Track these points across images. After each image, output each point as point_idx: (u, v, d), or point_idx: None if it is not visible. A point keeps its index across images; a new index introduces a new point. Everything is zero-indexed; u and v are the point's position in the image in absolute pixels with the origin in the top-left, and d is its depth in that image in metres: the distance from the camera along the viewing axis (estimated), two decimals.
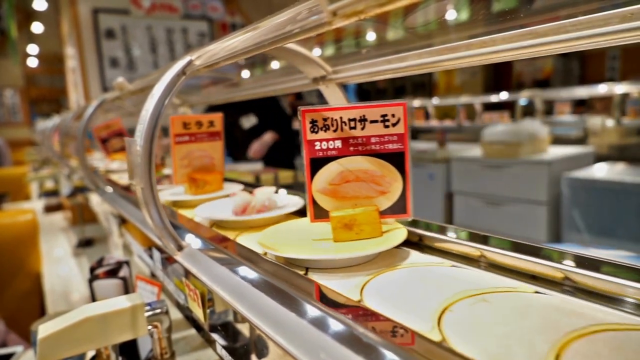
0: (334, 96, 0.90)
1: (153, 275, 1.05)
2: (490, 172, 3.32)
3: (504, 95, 4.44)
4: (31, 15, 7.90)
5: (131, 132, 1.85)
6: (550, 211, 2.99)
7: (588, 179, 2.81)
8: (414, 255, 0.67)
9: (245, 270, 0.59)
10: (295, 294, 0.49)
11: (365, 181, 0.69)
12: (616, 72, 5.88)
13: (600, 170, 2.98)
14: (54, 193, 3.57)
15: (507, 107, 4.93)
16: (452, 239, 0.67)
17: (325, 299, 0.49)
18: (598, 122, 3.54)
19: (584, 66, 6.42)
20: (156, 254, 0.94)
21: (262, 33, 0.51)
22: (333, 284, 0.56)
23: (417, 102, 5.42)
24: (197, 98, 1.67)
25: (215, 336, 0.68)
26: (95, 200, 2.05)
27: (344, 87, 0.91)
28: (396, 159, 0.68)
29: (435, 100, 5.41)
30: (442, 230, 0.70)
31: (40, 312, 2.17)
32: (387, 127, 0.68)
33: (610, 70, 5.98)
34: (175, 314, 0.84)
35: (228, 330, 0.68)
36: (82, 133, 1.55)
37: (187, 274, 0.72)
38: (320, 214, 0.69)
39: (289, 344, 0.41)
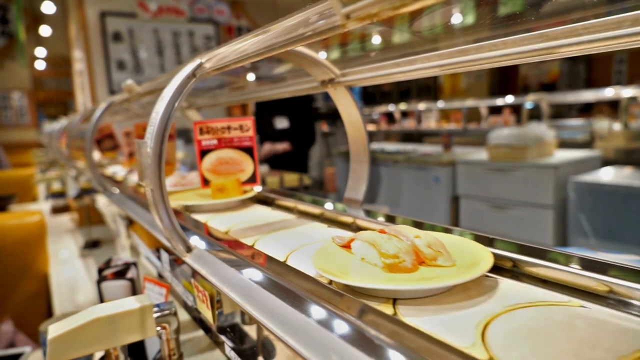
0: (343, 99, 0.90)
1: (160, 276, 1.05)
2: (496, 175, 3.31)
3: (509, 99, 4.42)
4: (39, 18, 7.97)
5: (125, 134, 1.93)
6: (557, 215, 2.97)
7: (595, 183, 2.79)
8: (259, 207, 1.13)
9: (255, 272, 0.59)
10: (305, 296, 0.50)
11: (232, 164, 1.14)
12: (623, 75, 5.85)
13: (607, 174, 2.96)
14: (61, 195, 3.59)
15: (513, 110, 4.91)
16: (287, 199, 1.09)
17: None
18: (605, 125, 3.52)
19: (590, 69, 6.40)
20: (164, 256, 0.95)
21: (273, 36, 0.51)
22: (200, 217, 1.01)
23: (422, 105, 5.41)
24: (205, 100, 1.67)
25: (223, 337, 0.68)
26: (102, 201, 2.06)
27: (349, 89, 0.91)
28: (249, 151, 1.14)
29: (440, 104, 5.40)
30: (285, 195, 1.14)
31: (47, 313, 2.18)
32: (242, 132, 1.13)
33: (616, 73, 5.95)
34: (183, 316, 0.84)
35: (236, 331, 0.68)
36: (91, 135, 1.56)
37: (196, 275, 0.72)
38: (207, 183, 1.14)
39: (300, 346, 0.41)
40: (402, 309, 0.48)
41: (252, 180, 1.14)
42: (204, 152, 1.12)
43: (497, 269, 0.58)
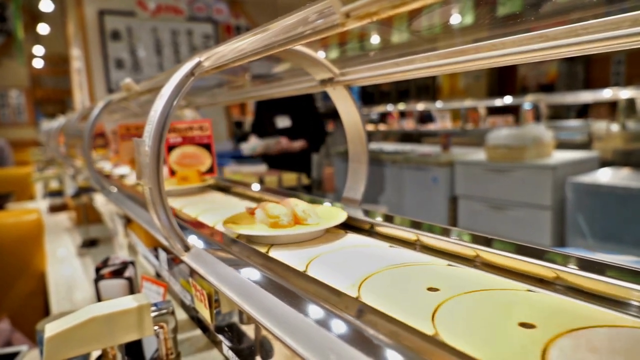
0: (341, 98, 0.90)
1: (158, 275, 1.05)
2: (494, 176, 3.31)
3: (508, 100, 4.43)
4: (37, 16, 7.94)
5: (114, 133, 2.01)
6: (555, 216, 2.98)
7: (593, 184, 2.80)
8: (215, 193, 1.35)
9: (253, 271, 0.59)
10: (304, 295, 0.49)
11: (193, 157, 1.37)
12: (621, 76, 5.86)
13: (605, 175, 2.96)
14: (58, 193, 3.58)
15: (511, 111, 4.92)
16: (238, 187, 1.35)
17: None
18: (603, 126, 3.52)
19: (588, 70, 6.41)
20: (162, 255, 0.94)
21: (272, 34, 0.51)
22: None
23: (420, 106, 5.41)
24: (203, 99, 1.67)
25: (221, 337, 0.68)
26: (99, 200, 2.05)
27: (348, 89, 0.91)
28: (207, 147, 1.39)
29: (439, 104, 5.40)
30: (236, 182, 1.40)
31: (45, 311, 2.17)
32: (202, 131, 1.38)
33: (615, 75, 5.96)
34: (180, 315, 0.84)
35: (234, 331, 0.68)
36: (89, 134, 1.56)
37: (194, 274, 0.72)
38: (173, 173, 1.35)
39: (299, 346, 0.41)
40: (272, 250, 0.72)
41: (210, 171, 1.40)
42: (170, 148, 1.35)
43: (359, 229, 0.82)
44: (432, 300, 0.48)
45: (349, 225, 0.83)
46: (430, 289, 0.51)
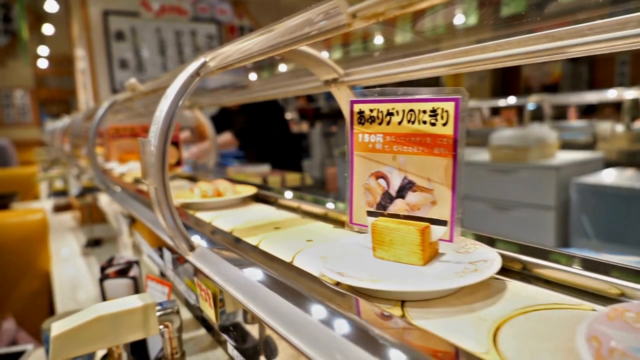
0: (346, 98, 0.90)
1: (163, 275, 1.06)
2: (498, 176, 3.31)
3: (512, 100, 4.42)
4: (42, 17, 7.98)
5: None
6: (559, 216, 2.97)
7: (597, 185, 2.79)
8: (181, 181, 1.67)
9: (258, 271, 0.59)
10: (309, 295, 0.50)
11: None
12: (626, 77, 5.84)
13: (609, 176, 2.95)
14: (63, 193, 3.59)
15: (518, 111, 4.90)
16: (198, 175, 1.69)
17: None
18: (607, 127, 3.51)
19: (593, 71, 6.39)
20: (167, 254, 0.95)
21: (278, 35, 0.51)
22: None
23: None
24: (208, 100, 1.67)
25: (226, 336, 0.68)
26: (104, 200, 2.06)
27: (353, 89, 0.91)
28: (175, 144, 1.70)
29: None
30: (193, 179, 1.73)
31: (49, 311, 2.18)
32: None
33: (619, 75, 5.94)
34: (185, 314, 0.84)
35: (238, 330, 0.68)
36: (94, 134, 1.56)
37: (198, 273, 0.72)
38: None
39: (303, 344, 0.41)
40: (198, 212, 1.06)
41: (177, 164, 1.73)
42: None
43: (269, 202, 1.16)
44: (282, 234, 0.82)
45: (265, 200, 1.18)
46: (276, 228, 0.87)
